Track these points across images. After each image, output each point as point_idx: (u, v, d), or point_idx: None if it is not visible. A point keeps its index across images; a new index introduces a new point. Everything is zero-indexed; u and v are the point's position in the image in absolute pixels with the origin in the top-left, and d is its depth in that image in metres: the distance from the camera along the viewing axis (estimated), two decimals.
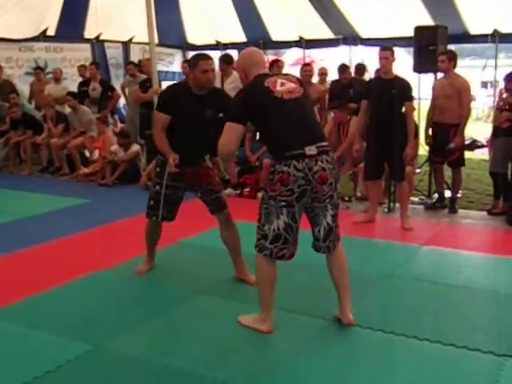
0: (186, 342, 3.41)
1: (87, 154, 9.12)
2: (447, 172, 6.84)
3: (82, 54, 12.09)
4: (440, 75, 6.54)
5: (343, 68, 8.15)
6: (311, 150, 3.22)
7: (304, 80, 7.67)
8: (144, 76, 8.59)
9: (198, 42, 13.14)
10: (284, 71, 8.24)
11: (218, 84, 7.78)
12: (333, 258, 3.56)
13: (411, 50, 7.57)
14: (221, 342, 3.42)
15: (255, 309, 3.54)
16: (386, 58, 5.49)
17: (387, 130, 5.51)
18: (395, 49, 5.78)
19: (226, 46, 12.46)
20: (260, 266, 3.44)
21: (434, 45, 6.87)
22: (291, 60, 15.78)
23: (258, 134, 7.54)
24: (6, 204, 7.11)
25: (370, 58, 10.98)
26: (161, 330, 3.58)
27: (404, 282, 4.35)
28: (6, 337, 3.50)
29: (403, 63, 9.29)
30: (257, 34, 12.09)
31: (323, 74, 8.67)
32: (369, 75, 9.99)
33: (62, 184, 8.36)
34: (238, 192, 7.26)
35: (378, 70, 8.66)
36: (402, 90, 5.50)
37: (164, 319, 3.69)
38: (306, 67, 7.82)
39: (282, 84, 3.34)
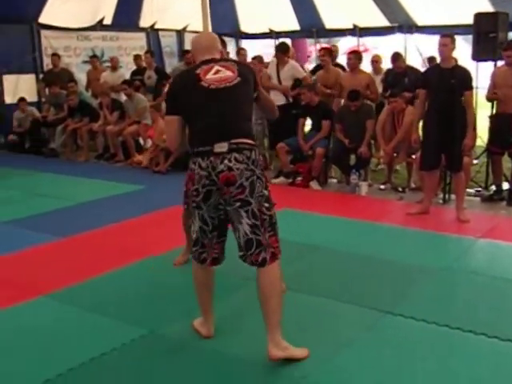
0: (238, 329, 3.43)
1: (141, 141, 9.26)
2: (506, 163, 6.65)
3: (137, 42, 12.27)
4: (500, 63, 6.34)
5: (396, 56, 7.98)
6: (221, 147, 2.86)
7: (349, 68, 7.62)
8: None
9: (251, 31, 13.13)
10: (338, 60, 8.18)
11: (273, 73, 7.79)
12: (260, 276, 2.99)
13: (469, 37, 7.36)
14: None
15: (302, 298, 3.52)
16: (446, 44, 5.33)
17: (446, 120, 5.37)
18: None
19: (278, 35, 12.42)
20: (192, 269, 3.26)
21: (495, 32, 6.65)
22: (345, 48, 15.56)
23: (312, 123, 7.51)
24: (63, 189, 7.30)
25: (426, 47, 10.77)
26: (216, 317, 3.60)
27: (460, 275, 4.25)
28: (65, 319, 3.60)
29: (461, 51, 9.06)
30: (310, 22, 12.00)
31: (377, 61, 8.51)
32: (422, 64, 9.80)
33: (116, 170, 8.52)
34: (290, 181, 7.24)
35: (430, 59, 8.51)
36: (462, 79, 5.35)
37: (216, 306, 3.71)
38: (350, 55, 7.71)
39: (217, 72, 2.99)
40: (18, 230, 5.42)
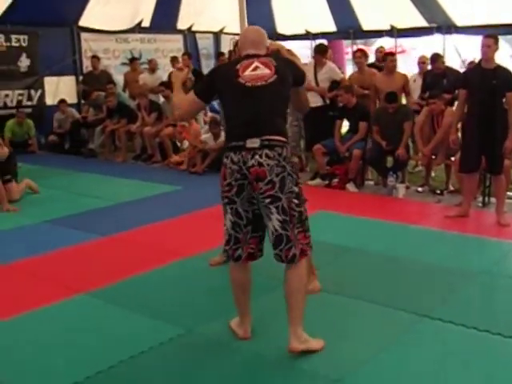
0: (274, 330, 3.44)
1: (178, 142, 9.36)
2: None
3: (174, 44, 12.40)
4: None
5: (436, 57, 7.89)
6: (253, 143, 2.91)
7: (388, 70, 7.57)
8: None
9: (287, 32, 13.11)
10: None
11: (310, 74, 7.78)
12: (287, 272, 3.08)
13: (509, 37, 7.24)
14: (311, 332, 3.41)
15: (339, 300, 3.50)
16: (489, 45, 5.25)
17: (488, 122, 5.29)
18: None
19: (315, 36, 12.38)
20: (229, 271, 3.28)
21: None
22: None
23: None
24: (101, 189, 7.42)
25: (466, 47, 10.61)
26: (252, 317, 3.62)
27: (500, 279, 4.18)
28: (104, 317, 3.67)
29: (501, 52, 8.89)
30: (347, 24, 11.93)
31: (424, 62, 8.36)
32: (460, 65, 9.65)
33: (154, 171, 8.62)
34: (327, 183, 7.22)
35: (470, 63, 8.36)
36: (504, 81, 5.26)
37: (256, 307, 3.72)
38: (391, 57, 7.67)
39: (255, 68, 3.03)
40: (59, 228, 5.53)
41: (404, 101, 7.93)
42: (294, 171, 3.02)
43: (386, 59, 7.74)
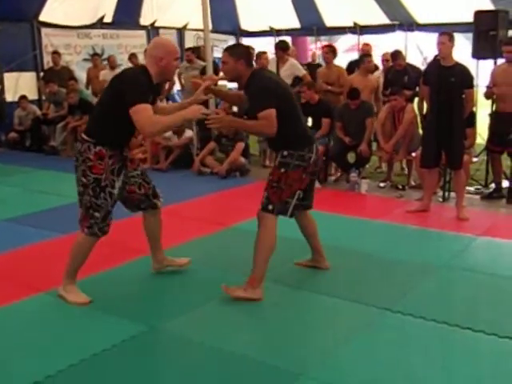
0: (238, 326, 3.46)
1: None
2: (505, 162, 6.66)
3: (137, 40, 12.27)
4: (500, 61, 6.35)
5: (397, 54, 8.00)
6: None
7: (364, 70, 7.64)
8: (203, 63, 8.64)
9: (251, 28, 13.14)
10: (337, 58, 8.20)
11: (273, 70, 7.79)
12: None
13: (470, 35, 7.38)
14: (274, 327, 3.45)
15: (303, 294, 3.52)
16: (443, 42, 5.34)
17: (447, 118, 5.39)
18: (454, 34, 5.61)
19: (279, 33, 12.43)
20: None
21: (495, 30, 6.68)
22: (345, 46, 15.57)
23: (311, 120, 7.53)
24: (63, 187, 7.27)
25: (427, 45, 10.78)
26: (214, 313, 3.63)
27: (459, 272, 4.27)
28: (65, 316, 3.62)
29: (462, 49, 9.04)
30: (310, 20, 12.02)
31: (387, 60, 8.40)
32: (422, 62, 9.80)
33: None
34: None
35: (435, 58, 8.48)
36: (462, 78, 5.36)
37: (219, 303, 3.73)
38: (368, 57, 7.77)
39: None
40: (20, 227, 5.43)
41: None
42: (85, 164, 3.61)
43: (364, 60, 7.78)
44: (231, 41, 13.15)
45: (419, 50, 11.22)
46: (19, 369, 3.00)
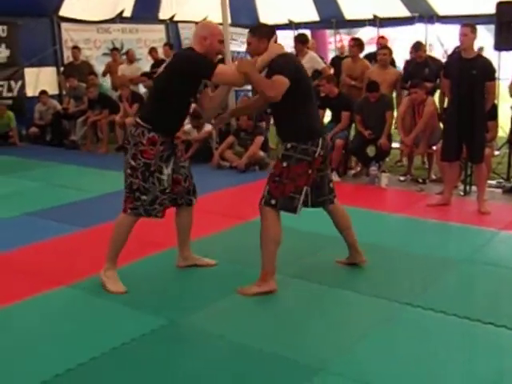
0: (257, 320, 3.45)
1: None
2: None
3: (156, 34, 12.30)
4: None
5: (418, 46, 7.89)
6: None
7: (380, 63, 7.56)
8: (219, 56, 8.62)
9: (270, 22, 13.03)
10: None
11: None
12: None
13: (491, 27, 7.27)
14: (294, 321, 3.45)
15: (323, 289, 3.51)
16: (466, 34, 5.27)
17: (468, 111, 5.33)
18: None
19: (298, 26, 12.36)
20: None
21: None
22: (365, 39, 15.44)
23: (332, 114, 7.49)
24: (83, 181, 7.36)
25: (448, 37, 10.65)
26: (234, 307, 3.63)
27: (480, 267, 4.22)
28: (87, 309, 3.65)
29: (483, 41, 8.94)
30: (330, 13, 11.93)
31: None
32: (443, 55, 9.67)
33: None
34: None
35: (455, 51, 8.37)
36: (484, 70, 5.29)
37: (239, 297, 3.73)
38: (383, 50, 7.69)
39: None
40: (41, 220, 5.48)
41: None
42: (137, 148, 3.66)
43: (380, 52, 7.73)
44: None
45: (440, 43, 11.07)
46: (41, 361, 3.03)
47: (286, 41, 12.45)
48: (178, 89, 3.65)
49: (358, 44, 7.93)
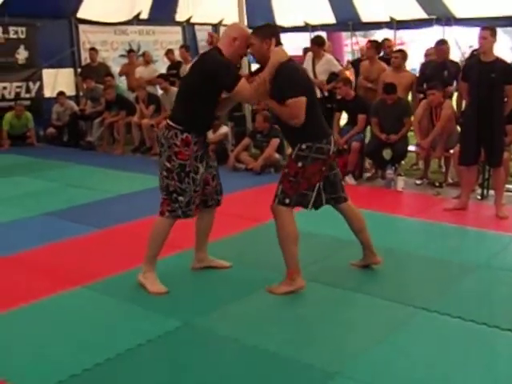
0: (272, 323, 3.44)
1: None
2: None
3: (173, 36, 12.35)
4: None
5: (442, 41, 7.65)
6: None
7: (394, 66, 7.50)
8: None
9: (286, 24, 13.05)
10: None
11: (308, 66, 7.76)
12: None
13: (509, 29, 7.21)
14: (310, 325, 3.44)
15: (337, 292, 3.50)
16: (485, 37, 5.22)
17: (487, 115, 5.29)
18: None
19: (314, 28, 12.34)
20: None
21: None
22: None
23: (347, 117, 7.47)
24: (100, 182, 7.41)
25: (466, 40, 10.58)
26: (248, 310, 3.63)
27: (498, 272, 4.18)
28: (102, 310, 3.67)
29: (501, 44, 8.85)
30: (346, 16, 11.90)
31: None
32: (460, 58, 9.57)
33: (152, 163, 8.58)
34: None
35: (473, 54, 8.27)
36: (503, 74, 5.24)
37: (251, 299, 3.74)
38: (395, 53, 7.63)
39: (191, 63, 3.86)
40: (57, 221, 5.52)
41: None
42: (171, 150, 3.68)
43: (392, 55, 7.66)
44: None
45: (458, 46, 10.99)
46: (57, 361, 3.04)
47: (302, 43, 12.47)
48: (204, 89, 3.66)
49: (374, 46, 7.87)
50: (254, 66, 3.90)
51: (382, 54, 8.30)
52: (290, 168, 3.72)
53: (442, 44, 7.51)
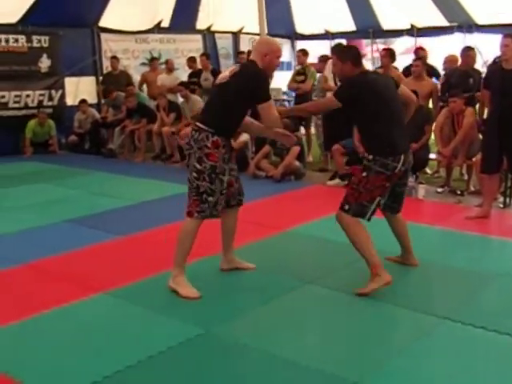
0: (293, 332, 3.43)
1: None
2: None
3: (193, 44, 12.42)
4: None
5: (469, 48, 7.59)
6: None
7: (413, 74, 7.47)
8: None
9: (306, 32, 13.11)
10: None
11: (329, 74, 7.75)
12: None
13: None
14: (331, 334, 3.42)
15: (360, 302, 3.49)
16: (507, 45, 5.18)
17: (509, 122, 5.24)
18: None
19: (334, 36, 12.36)
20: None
21: None
22: (401, 49, 15.33)
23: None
24: (121, 189, 7.47)
25: (488, 48, 10.48)
26: (269, 317, 3.62)
27: None
28: (124, 317, 3.69)
29: None
30: (366, 23, 11.90)
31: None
32: (482, 65, 9.47)
33: (173, 171, 8.64)
34: (346, 183, 7.17)
35: (495, 61, 8.18)
36: None
37: (273, 307, 3.73)
38: (415, 61, 7.61)
39: (229, 71, 3.91)
40: (79, 228, 5.57)
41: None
42: (202, 151, 3.78)
43: (413, 64, 7.64)
44: (286, 44, 13.16)
45: (479, 53, 10.89)
46: (78, 368, 3.06)
47: (322, 51, 12.44)
48: (242, 97, 3.78)
49: (388, 54, 7.86)
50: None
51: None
52: (356, 175, 3.87)
53: (468, 50, 7.47)
